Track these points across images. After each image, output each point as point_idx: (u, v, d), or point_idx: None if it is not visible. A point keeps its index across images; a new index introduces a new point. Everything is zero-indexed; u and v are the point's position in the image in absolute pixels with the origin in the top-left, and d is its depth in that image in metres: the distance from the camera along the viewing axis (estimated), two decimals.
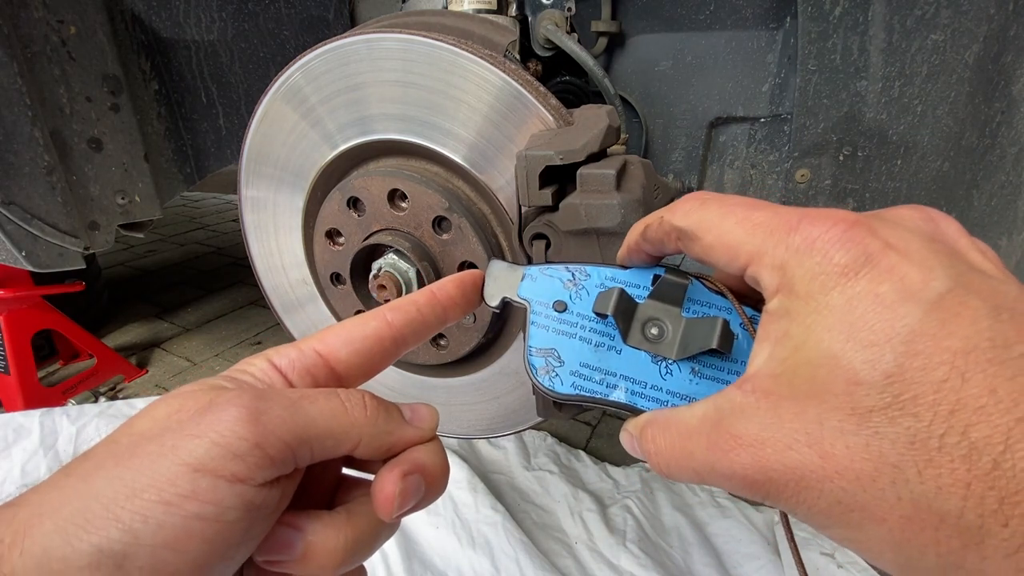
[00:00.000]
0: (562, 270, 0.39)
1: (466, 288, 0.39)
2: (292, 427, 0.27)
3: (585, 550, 1.19)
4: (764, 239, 0.27)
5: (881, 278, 0.23)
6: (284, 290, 0.82)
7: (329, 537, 0.29)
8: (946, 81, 0.66)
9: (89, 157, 1.00)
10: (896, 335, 0.22)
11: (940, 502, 0.21)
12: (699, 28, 0.79)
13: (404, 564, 1.11)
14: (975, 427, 0.20)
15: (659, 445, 0.29)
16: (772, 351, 0.26)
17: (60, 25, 0.92)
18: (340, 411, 0.29)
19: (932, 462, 0.21)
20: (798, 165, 0.75)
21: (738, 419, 0.26)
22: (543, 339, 0.38)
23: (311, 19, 1.02)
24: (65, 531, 0.23)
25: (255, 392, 0.28)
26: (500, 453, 1.47)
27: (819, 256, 0.25)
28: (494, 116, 0.58)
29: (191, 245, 3.47)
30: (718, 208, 0.29)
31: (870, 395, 0.22)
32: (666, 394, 0.35)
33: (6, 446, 1.42)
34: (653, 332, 0.35)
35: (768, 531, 1.22)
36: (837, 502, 0.23)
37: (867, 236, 0.24)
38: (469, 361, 0.72)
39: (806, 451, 0.23)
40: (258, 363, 0.32)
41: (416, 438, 0.33)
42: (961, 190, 0.73)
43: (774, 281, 0.26)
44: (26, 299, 1.66)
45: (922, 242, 0.24)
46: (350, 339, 0.34)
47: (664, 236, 0.32)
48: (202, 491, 0.24)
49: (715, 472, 0.26)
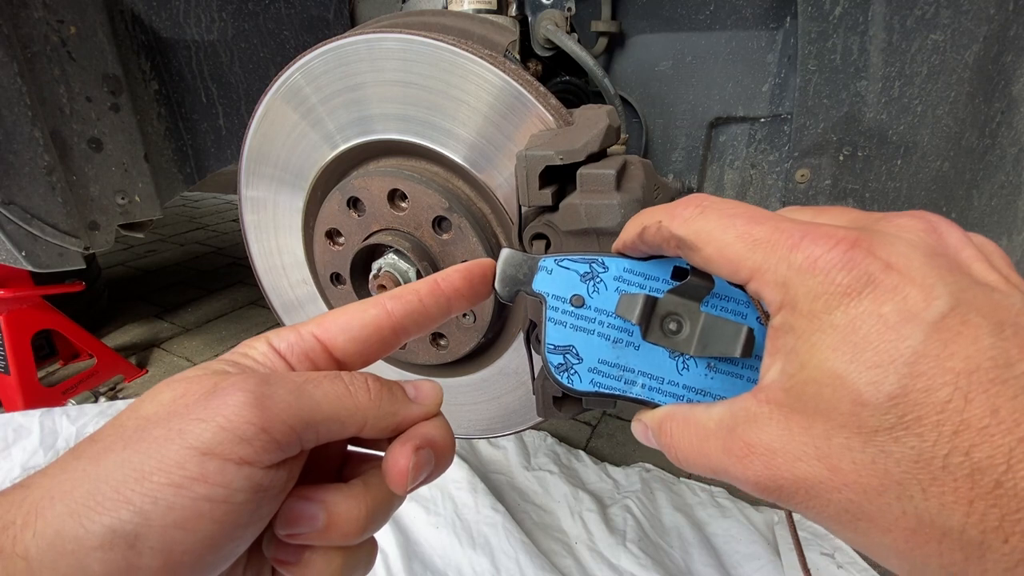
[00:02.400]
0: (579, 261, 0.37)
1: (474, 279, 0.38)
2: (297, 411, 0.27)
3: (585, 550, 1.19)
4: (766, 256, 0.27)
5: (883, 299, 0.23)
6: (284, 290, 0.82)
7: (352, 507, 0.30)
8: (946, 81, 0.66)
9: (89, 157, 1.00)
10: (900, 356, 0.22)
11: (943, 518, 0.21)
12: (699, 28, 0.79)
13: (404, 564, 1.11)
14: (978, 447, 0.21)
15: (676, 440, 0.31)
16: (783, 366, 0.27)
17: (60, 25, 0.92)
18: (344, 395, 0.30)
19: (936, 480, 0.21)
20: (798, 165, 0.75)
21: (751, 428, 0.27)
22: (561, 336, 0.37)
23: (311, 19, 1.02)
24: (77, 512, 0.23)
25: (260, 377, 0.28)
26: (500, 453, 1.47)
27: (821, 276, 0.25)
28: (494, 116, 0.58)
29: (191, 245, 3.47)
30: (718, 219, 0.29)
31: (875, 416, 0.23)
32: (682, 389, 0.35)
33: (6, 446, 1.42)
34: (671, 327, 0.35)
35: (768, 531, 1.22)
36: (844, 511, 0.24)
37: (868, 257, 0.24)
38: (469, 361, 0.72)
39: (815, 463, 0.24)
40: (259, 346, 0.33)
41: (421, 416, 0.33)
42: (961, 190, 0.73)
43: (777, 298, 0.27)
44: (26, 299, 1.65)
45: (923, 259, 0.24)
46: (348, 326, 0.34)
47: (663, 242, 0.32)
48: (210, 474, 0.25)
49: (729, 473, 0.27)
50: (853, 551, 1.16)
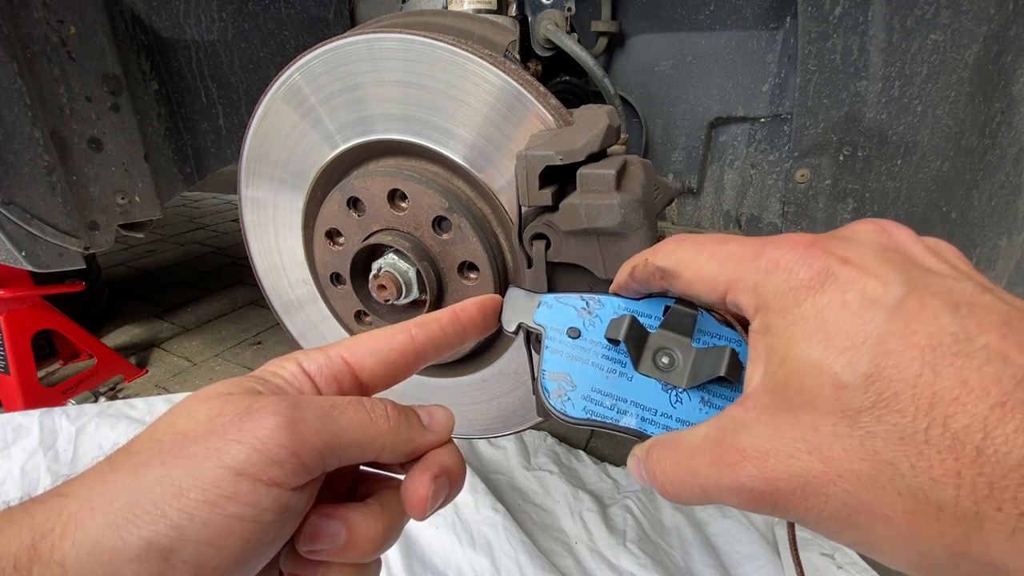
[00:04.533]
0: (576, 299, 0.40)
1: (486, 312, 0.42)
2: (324, 436, 0.29)
3: (585, 550, 1.19)
4: (736, 267, 0.29)
5: (845, 287, 0.25)
6: (284, 290, 0.82)
7: (371, 527, 0.32)
8: (946, 81, 0.66)
9: (89, 157, 1.00)
10: (868, 337, 0.24)
11: (936, 493, 0.21)
12: (699, 28, 0.79)
13: (404, 564, 1.11)
14: (954, 418, 0.21)
15: (664, 466, 0.31)
16: (765, 367, 0.28)
17: (60, 25, 0.92)
18: (366, 422, 0.31)
19: (922, 455, 0.22)
20: (798, 165, 0.75)
21: (740, 434, 0.27)
22: (557, 364, 0.39)
23: (311, 19, 1.02)
24: (116, 524, 0.24)
25: (291, 400, 0.29)
26: (500, 453, 1.47)
27: (785, 274, 0.27)
28: (494, 116, 0.58)
29: (191, 245, 3.47)
30: (692, 247, 0.32)
31: (856, 396, 0.23)
32: (676, 421, 0.36)
33: (6, 446, 1.42)
34: (664, 361, 0.37)
35: (768, 531, 1.22)
36: (843, 504, 0.24)
37: (823, 254, 0.27)
38: (469, 361, 0.72)
39: (807, 458, 0.24)
40: (288, 366, 0.34)
41: (434, 443, 0.35)
42: (961, 190, 0.73)
43: (752, 302, 0.28)
44: (26, 299, 1.65)
45: (876, 253, 0.26)
46: (376, 350, 0.36)
47: (649, 276, 0.35)
48: (243, 493, 0.26)
49: (721, 487, 0.27)
50: (853, 552, 1.15)
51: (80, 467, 1.39)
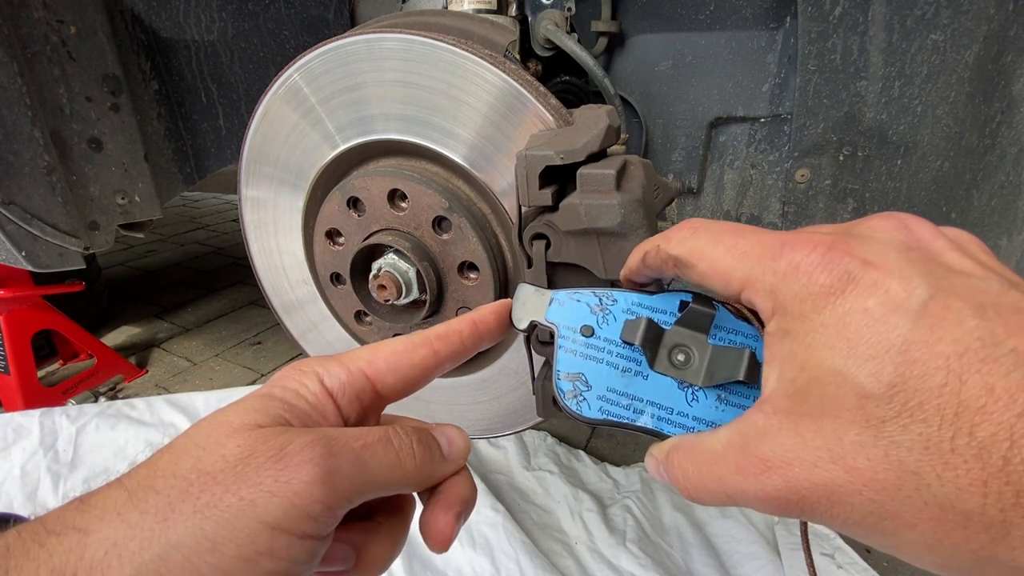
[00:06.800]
0: (589, 295, 0.39)
1: (502, 317, 0.42)
2: (358, 485, 0.29)
3: (585, 550, 1.19)
4: (752, 266, 0.28)
5: (866, 294, 0.24)
6: (284, 290, 0.82)
7: (383, 549, 0.33)
8: (946, 81, 0.66)
9: (89, 157, 1.00)
10: (892, 346, 0.23)
11: (962, 502, 0.21)
12: (699, 28, 0.79)
13: (404, 564, 1.11)
14: (980, 427, 0.21)
15: (686, 471, 0.30)
16: (781, 371, 0.27)
17: (60, 25, 0.92)
18: (396, 464, 0.32)
19: (948, 465, 0.21)
20: (798, 165, 0.75)
21: (763, 441, 0.26)
22: (571, 363, 0.38)
23: (311, 19, 1.02)
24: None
25: (325, 446, 0.29)
26: (500, 453, 1.47)
27: (804, 279, 0.26)
28: (494, 116, 0.58)
29: (191, 245, 3.47)
30: (708, 236, 0.31)
31: (880, 406, 0.23)
32: (692, 420, 0.35)
33: (6, 446, 1.42)
34: (680, 358, 0.36)
35: (768, 531, 1.22)
36: (869, 512, 0.23)
37: (845, 256, 0.26)
38: (469, 361, 0.72)
39: (832, 467, 0.24)
40: (310, 384, 0.33)
41: (453, 472, 0.36)
42: (961, 190, 0.73)
43: (768, 305, 0.28)
44: (26, 299, 1.66)
45: (898, 253, 0.26)
46: (398, 366, 0.36)
47: (662, 263, 0.34)
48: (278, 548, 0.26)
49: (747, 495, 0.27)
50: (853, 551, 1.16)
51: (80, 467, 1.40)
